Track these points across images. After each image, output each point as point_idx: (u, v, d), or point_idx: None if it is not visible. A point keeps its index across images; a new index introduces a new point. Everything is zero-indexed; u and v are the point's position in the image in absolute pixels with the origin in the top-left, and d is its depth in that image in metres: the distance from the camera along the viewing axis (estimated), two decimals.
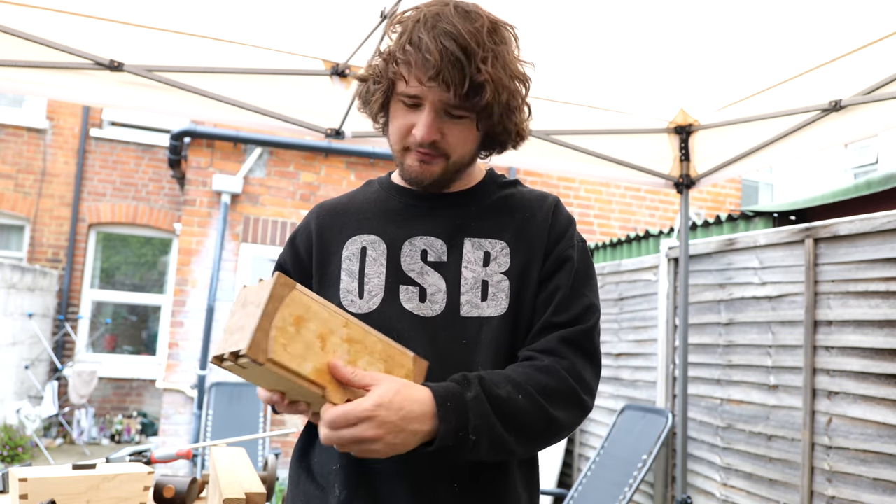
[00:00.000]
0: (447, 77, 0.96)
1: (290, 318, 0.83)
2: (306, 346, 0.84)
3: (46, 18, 2.17)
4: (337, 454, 1.03)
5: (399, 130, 1.05)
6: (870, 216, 2.67)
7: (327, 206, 1.20)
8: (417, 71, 0.98)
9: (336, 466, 1.03)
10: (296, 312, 0.84)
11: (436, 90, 0.98)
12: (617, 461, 3.86)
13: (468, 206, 1.13)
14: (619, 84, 2.65)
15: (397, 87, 1.03)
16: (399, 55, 1.00)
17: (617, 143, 2.95)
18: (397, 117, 1.05)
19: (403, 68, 0.99)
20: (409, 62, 0.98)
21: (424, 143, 1.02)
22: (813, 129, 2.48)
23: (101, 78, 2.38)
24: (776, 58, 2.31)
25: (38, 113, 8.11)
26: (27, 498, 1.27)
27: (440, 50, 0.95)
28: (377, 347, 0.91)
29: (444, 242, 1.09)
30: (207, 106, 2.57)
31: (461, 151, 1.06)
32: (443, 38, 0.96)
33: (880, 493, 2.52)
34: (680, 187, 3.06)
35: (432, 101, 1.00)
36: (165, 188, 8.38)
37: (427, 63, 0.96)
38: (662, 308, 4.05)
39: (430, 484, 0.99)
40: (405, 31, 1.00)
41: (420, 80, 0.98)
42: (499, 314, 1.05)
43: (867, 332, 2.64)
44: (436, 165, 1.05)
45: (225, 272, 5.68)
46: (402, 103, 1.03)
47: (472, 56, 0.96)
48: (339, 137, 2.75)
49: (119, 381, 7.93)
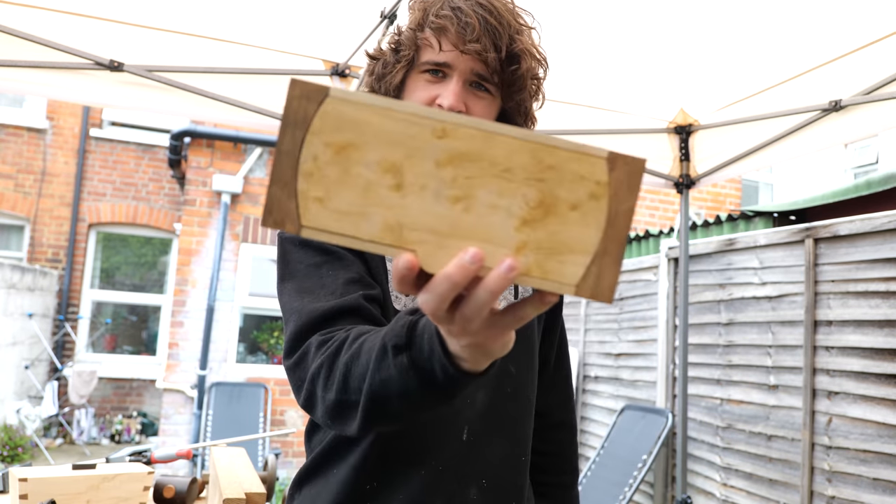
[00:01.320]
0: (486, 42, 0.94)
1: (328, 151, 0.49)
2: (364, 190, 0.49)
3: (46, 18, 2.17)
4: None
5: (421, 103, 0.99)
6: (870, 216, 2.67)
7: None
8: (453, 36, 0.95)
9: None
10: (336, 138, 0.49)
11: (469, 58, 0.96)
12: (617, 461, 3.86)
13: None
14: (619, 84, 2.65)
15: (422, 56, 0.99)
16: (433, 19, 0.97)
17: (617, 143, 2.95)
18: (418, 90, 1.00)
19: (436, 34, 0.97)
20: (445, 27, 0.95)
21: (451, 111, 0.98)
22: (813, 129, 2.48)
23: (101, 78, 2.38)
24: (776, 58, 2.31)
25: (38, 113, 8.11)
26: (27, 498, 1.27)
27: (479, 17, 0.94)
28: (520, 158, 0.49)
29: None
30: (207, 106, 2.57)
31: None
32: (478, 8, 0.95)
33: (880, 493, 2.52)
34: (680, 187, 3.06)
35: (462, 69, 0.97)
36: (165, 188, 8.38)
37: (466, 27, 0.94)
38: (662, 308, 4.05)
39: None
40: (437, 3, 0.97)
41: (456, 46, 0.95)
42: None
43: (867, 332, 2.64)
44: None
45: (225, 272, 5.68)
46: (426, 74, 0.99)
47: (508, 26, 0.96)
48: None
49: (119, 381, 7.93)
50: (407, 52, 1.00)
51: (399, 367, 0.65)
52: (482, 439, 1.00)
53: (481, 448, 1.00)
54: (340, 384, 0.74)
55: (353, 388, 0.72)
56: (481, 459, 1.00)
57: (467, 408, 0.93)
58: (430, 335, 0.62)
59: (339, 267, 0.92)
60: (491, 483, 1.01)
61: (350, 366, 0.73)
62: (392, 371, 0.66)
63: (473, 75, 0.98)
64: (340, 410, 0.75)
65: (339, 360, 0.76)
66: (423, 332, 0.64)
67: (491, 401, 1.01)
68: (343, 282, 0.90)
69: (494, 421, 1.01)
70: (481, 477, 1.00)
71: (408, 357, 0.65)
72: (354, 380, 0.72)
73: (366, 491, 0.97)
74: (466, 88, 0.99)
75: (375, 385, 0.68)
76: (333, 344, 0.79)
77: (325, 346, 0.80)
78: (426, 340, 0.63)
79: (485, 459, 1.00)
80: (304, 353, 0.83)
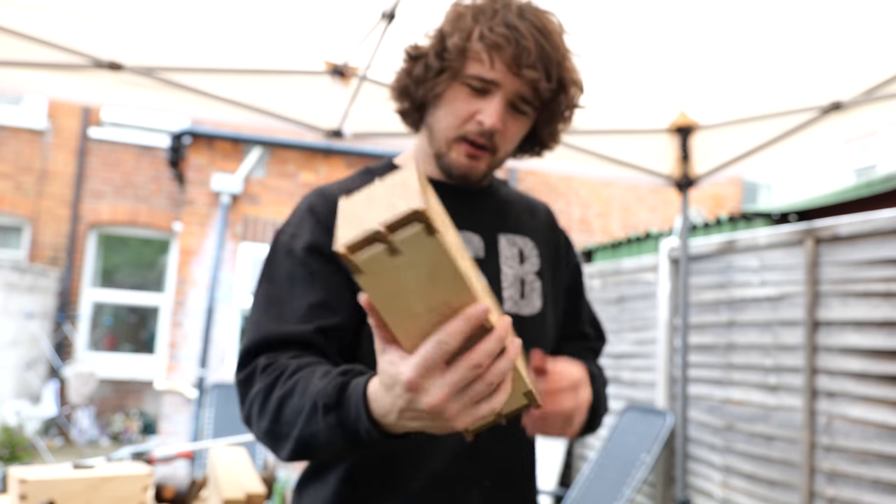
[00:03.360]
0: (540, 70, 0.92)
1: (438, 208, 0.64)
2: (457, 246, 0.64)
3: (46, 18, 2.16)
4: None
5: (459, 115, 0.97)
6: (870, 216, 2.67)
7: (336, 198, 1.07)
8: (508, 57, 0.92)
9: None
10: (438, 208, 0.65)
11: (518, 80, 0.94)
12: (617, 461, 3.86)
13: (490, 201, 1.11)
14: (620, 84, 2.65)
15: (468, 69, 0.95)
16: (488, 34, 0.92)
17: (617, 143, 2.95)
18: (458, 101, 0.97)
19: (488, 50, 0.93)
20: (500, 45, 0.92)
21: (492, 131, 0.95)
22: (813, 129, 2.48)
23: (101, 78, 2.37)
24: (776, 58, 2.31)
25: (37, 113, 8.11)
26: (27, 498, 1.27)
27: (535, 40, 0.91)
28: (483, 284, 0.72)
29: (480, 237, 1.05)
30: (207, 106, 2.57)
31: (508, 147, 1.02)
32: (534, 31, 0.92)
33: (880, 494, 2.51)
34: (680, 187, 3.06)
35: (509, 90, 0.95)
36: (165, 188, 8.37)
37: (524, 52, 0.91)
38: (663, 308, 4.05)
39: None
40: (487, 14, 0.94)
41: (509, 67, 0.93)
42: (532, 314, 1.06)
43: (867, 332, 2.64)
44: (483, 161, 0.99)
45: (225, 272, 5.68)
46: (468, 87, 0.96)
47: (556, 52, 0.94)
48: (339, 137, 2.75)
49: (119, 381, 7.93)
50: (455, 63, 0.96)
51: (327, 424, 0.74)
52: (485, 443, 0.99)
53: (484, 451, 0.99)
54: (273, 416, 0.82)
55: (284, 422, 0.81)
56: (483, 463, 1.00)
57: None
58: (357, 399, 0.70)
59: (309, 286, 0.94)
60: (494, 485, 1.00)
61: (283, 401, 0.81)
62: (321, 426, 0.74)
63: (517, 97, 0.96)
64: (272, 438, 0.84)
65: (274, 393, 0.82)
66: (351, 394, 0.72)
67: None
68: (307, 306, 0.93)
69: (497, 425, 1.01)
70: (484, 479, 1.00)
71: (335, 417, 0.73)
72: (286, 415, 0.80)
73: (364, 494, 0.97)
74: (507, 108, 0.97)
75: (305, 435, 0.77)
76: (274, 373, 0.85)
77: (267, 371, 0.86)
78: (353, 404, 0.71)
79: (487, 463, 1.00)
80: (251, 372, 0.89)
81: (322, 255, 0.95)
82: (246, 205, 5.79)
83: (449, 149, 0.99)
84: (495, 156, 1.00)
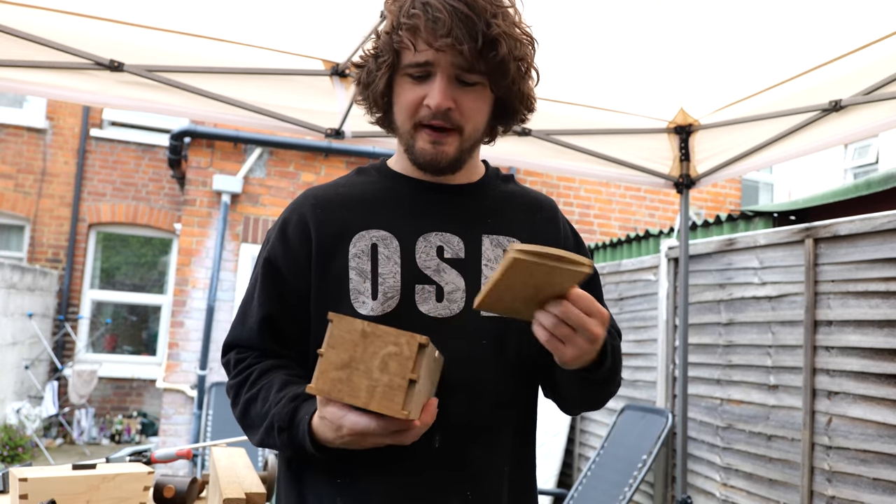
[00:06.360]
0: (459, 34, 0.91)
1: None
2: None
3: (46, 18, 2.17)
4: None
5: (408, 105, 0.98)
6: (870, 216, 2.67)
7: (323, 197, 1.07)
8: (426, 34, 0.92)
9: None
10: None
11: (448, 53, 0.93)
12: (617, 461, 3.86)
13: (479, 199, 1.08)
14: (619, 84, 2.65)
15: (403, 59, 0.97)
16: (404, 20, 0.93)
17: (617, 143, 2.95)
18: (404, 92, 0.98)
19: (410, 34, 0.94)
20: (417, 26, 0.93)
21: (440, 110, 0.95)
22: (813, 129, 2.48)
23: (101, 78, 2.38)
24: (776, 58, 2.31)
25: (38, 113, 8.11)
26: (27, 498, 1.27)
27: (448, 9, 0.91)
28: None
29: (460, 239, 1.03)
30: (207, 106, 2.57)
31: (474, 122, 1.00)
32: (448, 1, 0.91)
33: (880, 493, 2.52)
34: (680, 187, 3.06)
35: (444, 65, 0.94)
36: (165, 188, 8.38)
37: (437, 22, 0.91)
38: (662, 308, 4.05)
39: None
40: (406, 2, 0.95)
41: (430, 43, 0.93)
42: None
43: (867, 332, 2.64)
44: (449, 145, 0.99)
45: (225, 272, 5.68)
46: (410, 77, 0.97)
47: (482, 12, 0.92)
48: (339, 137, 2.75)
49: (119, 381, 7.93)
50: (386, 57, 0.98)
51: (281, 441, 0.94)
52: (456, 448, 0.97)
53: (456, 457, 0.97)
54: (241, 412, 1.01)
55: (249, 423, 1.01)
56: (458, 469, 0.97)
57: (437, 415, 0.88)
58: (303, 426, 0.90)
59: (265, 294, 1.06)
60: (476, 494, 0.98)
61: (249, 405, 1.00)
62: (276, 442, 0.94)
63: (457, 69, 0.95)
64: (243, 426, 1.03)
65: (241, 395, 1.01)
66: (301, 419, 0.91)
67: (463, 409, 0.97)
68: (259, 319, 1.05)
69: (467, 429, 0.98)
70: (465, 488, 0.97)
71: (287, 436, 0.92)
72: (251, 418, 1.00)
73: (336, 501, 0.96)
74: (453, 84, 0.96)
75: (265, 441, 0.98)
76: (243, 374, 1.03)
77: (238, 368, 1.04)
78: (300, 429, 0.90)
79: (463, 469, 0.97)
80: (227, 362, 1.08)
81: (279, 268, 1.04)
82: (246, 205, 5.79)
83: (413, 139, 1.00)
84: (463, 135, 1.00)
